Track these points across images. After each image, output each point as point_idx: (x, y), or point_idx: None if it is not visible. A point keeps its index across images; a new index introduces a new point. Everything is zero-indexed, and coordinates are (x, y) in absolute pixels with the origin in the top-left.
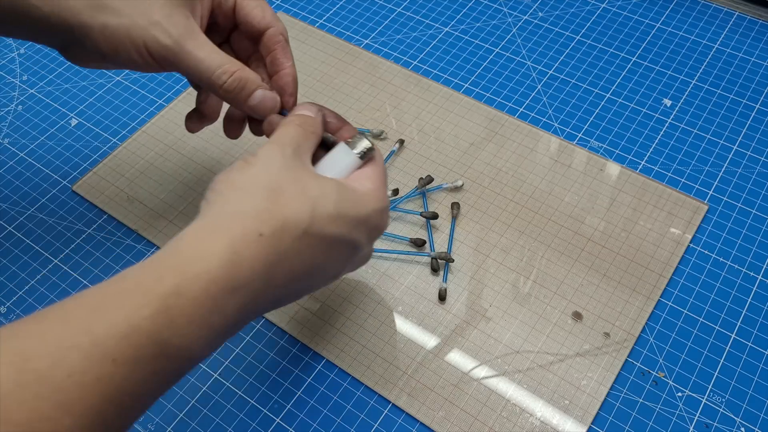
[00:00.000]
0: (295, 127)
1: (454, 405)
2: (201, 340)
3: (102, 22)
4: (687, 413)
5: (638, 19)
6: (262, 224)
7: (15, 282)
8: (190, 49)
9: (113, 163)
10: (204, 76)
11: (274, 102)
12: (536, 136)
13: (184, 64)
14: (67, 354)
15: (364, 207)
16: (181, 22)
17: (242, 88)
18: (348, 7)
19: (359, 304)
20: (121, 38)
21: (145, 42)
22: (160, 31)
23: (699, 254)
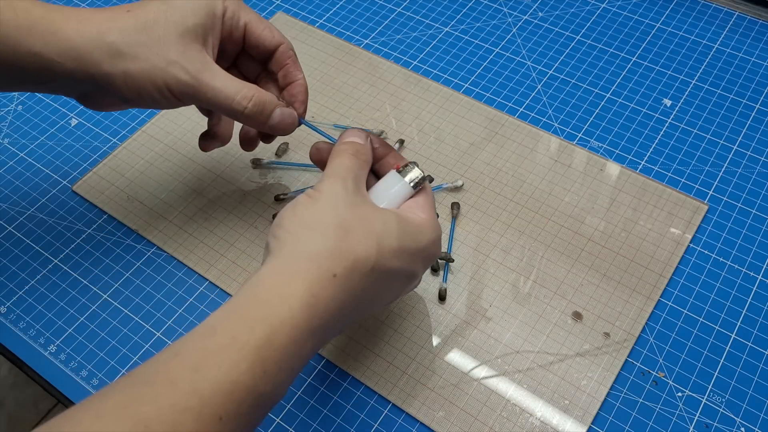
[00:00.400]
0: (350, 157)
1: (454, 405)
2: (286, 383)
3: (122, 70)
4: (687, 413)
5: (638, 19)
6: (335, 264)
7: (15, 282)
8: (207, 81)
9: (113, 163)
10: (224, 105)
11: (292, 118)
12: (536, 136)
13: (204, 97)
14: (181, 417)
15: (423, 239)
16: (195, 57)
17: (261, 111)
18: (348, 7)
19: None
20: (142, 82)
21: (166, 82)
22: (178, 69)
23: (699, 254)
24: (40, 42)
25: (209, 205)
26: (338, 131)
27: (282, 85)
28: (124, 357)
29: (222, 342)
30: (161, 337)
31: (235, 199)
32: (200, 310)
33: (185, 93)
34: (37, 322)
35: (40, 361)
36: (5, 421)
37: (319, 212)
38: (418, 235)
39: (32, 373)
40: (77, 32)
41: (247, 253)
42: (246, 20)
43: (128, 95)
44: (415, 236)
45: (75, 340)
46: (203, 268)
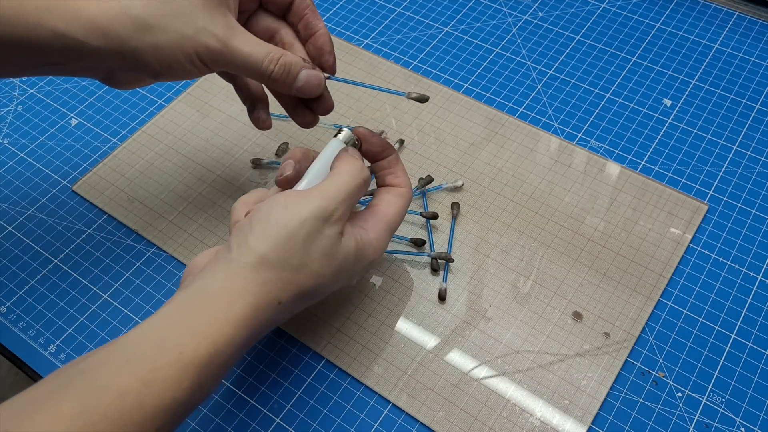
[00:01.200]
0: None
1: (454, 405)
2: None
3: (151, 43)
4: (687, 413)
5: (638, 19)
6: (283, 293)
7: (15, 282)
8: (237, 45)
9: (113, 163)
10: (253, 69)
11: (319, 79)
12: (536, 136)
13: (233, 62)
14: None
15: (365, 259)
16: (222, 21)
17: (288, 72)
18: (348, 7)
19: (359, 304)
20: (173, 53)
21: (196, 50)
22: (207, 36)
23: (699, 254)
24: (62, 22)
25: (209, 206)
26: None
27: (304, 37)
28: None
29: (170, 356)
30: None
31: (235, 199)
32: None
33: (215, 60)
34: (37, 322)
35: (40, 361)
36: None
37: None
38: (360, 258)
39: (32, 373)
40: (99, 9)
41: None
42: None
43: (159, 69)
44: (357, 259)
45: (75, 340)
46: None
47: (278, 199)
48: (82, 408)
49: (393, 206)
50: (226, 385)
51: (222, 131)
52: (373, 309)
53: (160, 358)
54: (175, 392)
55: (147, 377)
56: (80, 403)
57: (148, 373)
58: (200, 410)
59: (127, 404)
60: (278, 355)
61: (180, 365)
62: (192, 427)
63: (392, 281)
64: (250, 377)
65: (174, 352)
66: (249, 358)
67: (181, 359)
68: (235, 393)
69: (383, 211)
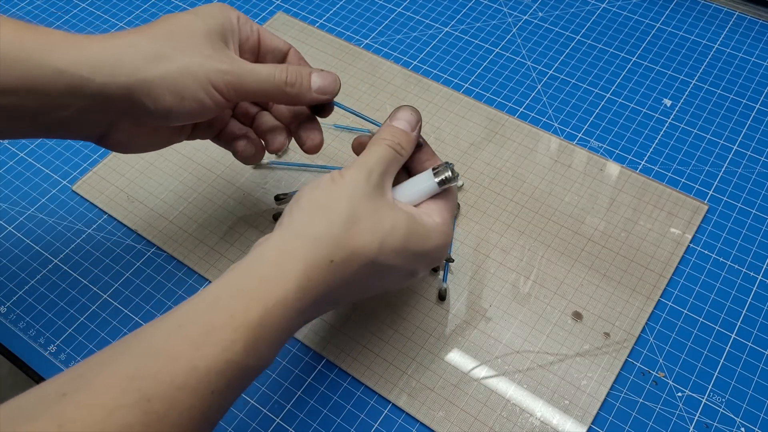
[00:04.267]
0: (386, 149)
1: (454, 405)
2: (272, 357)
3: (162, 72)
4: (687, 413)
5: (638, 19)
6: (335, 251)
7: (15, 282)
8: (246, 67)
9: (113, 163)
10: (268, 84)
11: (333, 78)
12: (536, 136)
13: (248, 83)
14: (179, 393)
15: (429, 243)
16: (225, 53)
17: (302, 78)
18: (348, 7)
19: (359, 304)
20: (185, 81)
21: (209, 76)
22: (216, 61)
23: (699, 254)
24: (65, 60)
25: (209, 205)
26: (339, 131)
27: None
28: None
29: (221, 319)
30: None
31: (235, 199)
32: None
33: (230, 85)
34: (37, 322)
35: (40, 361)
36: None
37: (334, 198)
38: (426, 239)
39: (32, 373)
40: (105, 45)
41: (247, 253)
42: (257, 28)
43: (171, 102)
44: (422, 239)
45: (75, 340)
46: (203, 268)
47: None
48: (136, 372)
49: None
50: None
51: None
52: (373, 309)
53: (211, 321)
54: (227, 355)
55: (198, 340)
56: (134, 366)
57: (199, 336)
58: None
59: (180, 367)
60: (279, 356)
61: (231, 328)
62: None
63: None
64: None
65: (225, 315)
66: None
67: (232, 322)
68: None
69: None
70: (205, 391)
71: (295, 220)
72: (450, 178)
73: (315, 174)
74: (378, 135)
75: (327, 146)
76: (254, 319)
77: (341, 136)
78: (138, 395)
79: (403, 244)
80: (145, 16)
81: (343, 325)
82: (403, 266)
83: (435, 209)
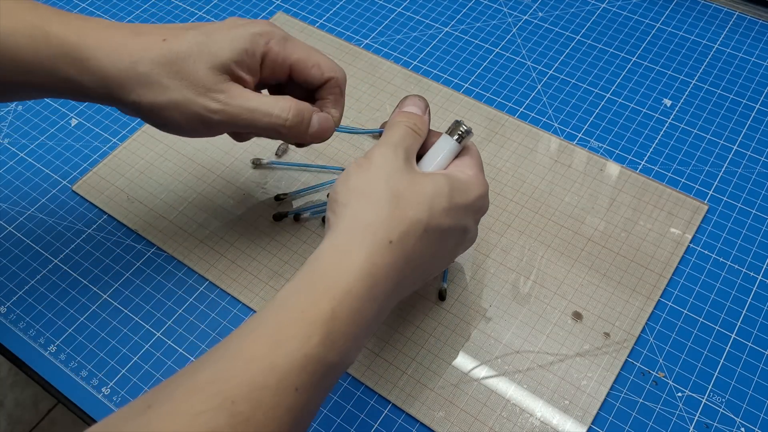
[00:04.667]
0: (405, 128)
1: (454, 405)
2: (354, 352)
3: (150, 101)
4: (687, 413)
5: (638, 19)
6: (390, 231)
7: (15, 282)
8: (241, 104)
9: (113, 163)
10: (263, 122)
11: (330, 123)
12: (536, 136)
13: (240, 120)
14: (261, 393)
15: (471, 194)
16: (224, 87)
17: (301, 119)
18: (348, 7)
19: None
20: (170, 113)
21: (196, 112)
22: (207, 100)
23: (699, 254)
24: (73, 69)
25: (209, 206)
26: (340, 133)
27: None
28: (124, 357)
29: (292, 317)
30: (161, 337)
31: (235, 199)
32: (200, 310)
33: (217, 122)
34: (37, 322)
35: (40, 361)
36: (5, 421)
37: (371, 181)
38: (466, 191)
39: (32, 373)
40: (110, 60)
41: (247, 253)
42: (293, 60)
43: (154, 123)
44: (463, 192)
45: (75, 340)
46: (203, 268)
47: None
48: (216, 376)
49: None
50: None
51: None
52: None
53: (283, 320)
54: (304, 350)
55: (273, 339)
56: (213, 371)
57: (274, 335)
58: None
59: (258, 368)
60: None
61: (304, 323)
62: None
63: None
64: None
65: (296, 312)
66: None
67: (305, 317)
68: None
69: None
70: (288, 389)
71: (341, 215)
72: (466, 131)
73: (315, 174)
74: (392, 120)
75: (327, 146)
76: (326, 311)
77: (341, 137)
78: (221, 398)
79: (449, 201)
80: (144, 17)
81: None
82: (456, 224)
83: (464, 165)
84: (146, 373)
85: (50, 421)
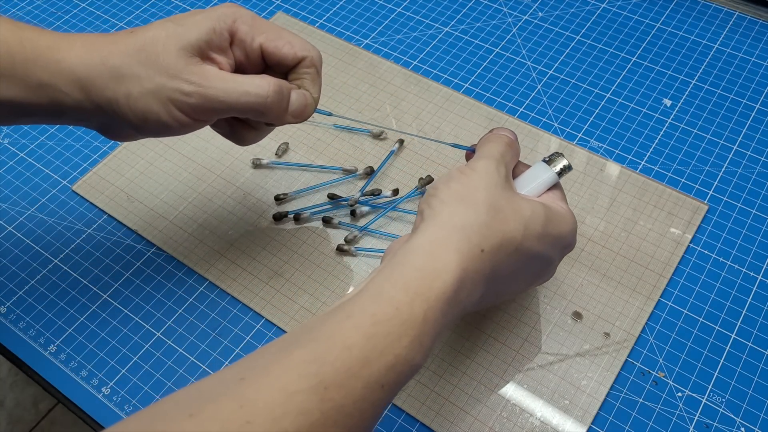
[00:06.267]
0: (504, 145)
1: (454, 405)
2: (430, 351)
3: (125, 93)
4: (687, 413)
5: (638, 19)
6: (484, 240)
7: (15, 282)
8: (216, 85)
9: (113, 163)
10: (241, 102)
11: (310, 100)
12: (536, 136)
13: (217, 102)
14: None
15: (565, 227)
16: (196, 69)
17: (281, 97)
18: (348, 7)
19: None
20: (146, 103)
21: (170, 97)
22: (180, 82)
23: (699, 254)
24: (47, 73)
25: (209, 206)
26: (338, 131)
27: None
28: (124, 357)
29: (388, 312)
30: (161, 337)
31: (235, 199)
32: (200, 310)
33: (194, 106)
34: (37, 322)
35: (40, 361)
36: (5, 421)
37: (473, 188)
38: (561, 223)
39: (32, 373)
40: (81, 60)
41: (247, 253)
42: (263, 39)
43: (135, 121)
44: (557, 224)
45: (75, 340)
46: (203, 268)
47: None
48: (313, 356)
49: None
50: None
51: None
52: None
53: (378, 313)
54: (396, 349)
55: (369, 331)
56: (310, 351)
57: (370, 328)
58: None
59: (354, 357)
60: None
61: (398, 321)
62: None
63: None
64: None
65: (390, 307)
66: None
67: (399, 315)
68: None
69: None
70: (376, 384)
71: (438, 212)
72: (567, 166)
73: (315, 174)
74: (490, 136)
75: (327, 146)
76: (419, 314)
77: (341, 136)
78: (315, 381)
79: (544, 228)
80: (145, 16)
81: None
82: (544, 252)
83: (557, 198)
84: (146, 373)
85: (50, 421)
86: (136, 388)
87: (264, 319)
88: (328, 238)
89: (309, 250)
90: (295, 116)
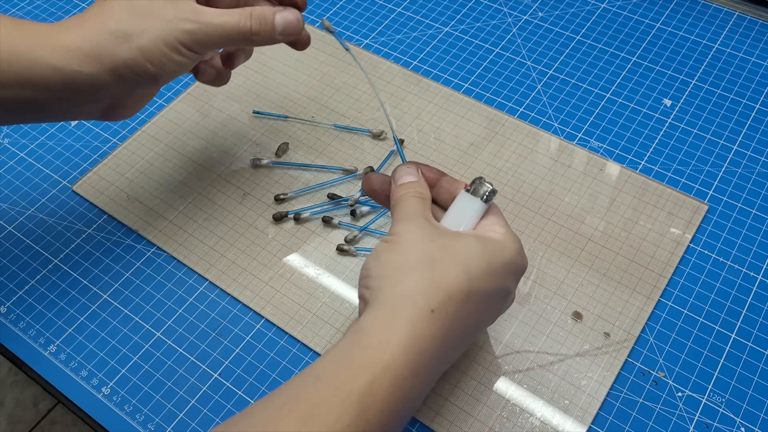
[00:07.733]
0: (413, 199)
1: (455, 405)
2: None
3: (138, 47)
4: (687, 413)
5: (638, 19)
6: (430, 299)
7: (15, 282)
8: (209, 20)
9: (113, 163)
10: (233, 33)
11: (296, 16)
12: (536, 136)
13: (214, 35)
14: None
15: (507, 253)
16: (187, 7)
17: (265, 22)
18: (348, 7)
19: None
20: (160, 49)
21: (177, 38)
22: (180, 22)
23: (699, 254)
24: (56, 56)
25: (209, 205)
26: (338, 132)
27: None
28: (124, 357)
29: (326, 392)
30: (161, 337)
31: (235, 199)
32: (200, 310)
33: (198, 41)
34: (37, 322)
35: (40, 361)
36: (5, 421)
37: (403, 253)
38: (504, 251)
39: (32, 373)
40: (81, 36)
41: (247, 253)
42: None
43: (154, 70)
44: (500, 252)
45: (75, 340)
46: (203, 268)
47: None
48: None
49: None
50: (226, 385)
51: (222, 131)
52: None
53: (315, 396)
54: (336, 428)
55: (304, 415)
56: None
57: (305, 411)
58: (200, 410)
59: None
60: (279, 355)
61: (337, 400)
62: (192, 427)
63: None
64: (250, 377)
65: (330, 387)
66: (249, 358)
67: (338, 393)
68: (235, 393)
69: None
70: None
71: (378, 288)
72: (491, 191)
73: (315, 174)
74: (395, 195)
75: (327, 146)
76: (362, 387)
77: (341, 137)
78: None
79: (487, 263)
80: None
81: (343, 326)
82: (497, 287)
83: (492, 224)
84: (146, 373)
85: (50, 421)
86: (136, 388)
87: (264, 319)
88: (328, 238)
89: (309, 250)
90: (285, 36)
